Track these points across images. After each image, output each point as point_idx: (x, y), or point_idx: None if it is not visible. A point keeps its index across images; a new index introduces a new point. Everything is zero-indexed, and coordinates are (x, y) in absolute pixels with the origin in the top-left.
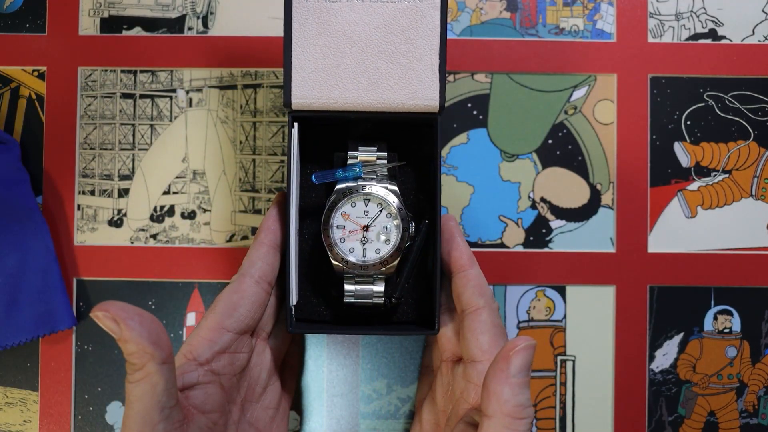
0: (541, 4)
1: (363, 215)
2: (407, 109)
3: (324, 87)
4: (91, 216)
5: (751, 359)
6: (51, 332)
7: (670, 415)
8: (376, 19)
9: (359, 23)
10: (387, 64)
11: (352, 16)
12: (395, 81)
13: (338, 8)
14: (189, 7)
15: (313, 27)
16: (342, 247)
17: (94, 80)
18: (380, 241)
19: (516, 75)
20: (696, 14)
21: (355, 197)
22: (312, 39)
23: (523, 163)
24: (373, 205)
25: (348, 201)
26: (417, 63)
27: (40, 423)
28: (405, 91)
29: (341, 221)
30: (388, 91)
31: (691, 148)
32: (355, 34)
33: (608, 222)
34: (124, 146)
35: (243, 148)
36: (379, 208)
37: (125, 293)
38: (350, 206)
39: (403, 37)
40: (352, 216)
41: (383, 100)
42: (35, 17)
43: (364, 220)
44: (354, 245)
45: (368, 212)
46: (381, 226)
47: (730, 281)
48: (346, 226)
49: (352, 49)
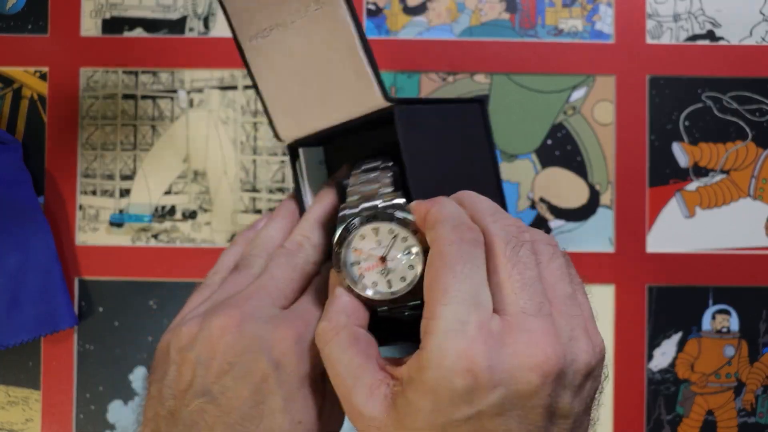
0: (540, 5)
1: (376, 245)
2: (361, 114)
3: (297, 115)
4: (93, 216)
5: (749, 358)
6: (53, 331)
7: (669, 414)
8: (304, 41)
9: (293, 49)
10: (325, 80)
11: (286, 44)
12: (338, 93)
13: (273, 39)
14: (190, 8)
15: (264, 65)
16: (363, 283)
17: (96, 81)
18: (405, 269)
19: (515, 76)
20: (694, 15)
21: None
22: (268, 75)
23: (522, 163)
24: (385, 233)
25: (356, 235)
26: (345, 68)
27: (42, 422)
28: (349, 99)
29: (354, 257)
30: (338, 104)
31: (689, 149)
32: (295, 59)
33: (607, 222)
34: (125, 146)
35: (244, 149)
36: (392, 234)
37: (126, 293)
38: (360, 240)
39: (327, 46)
40: (365, 249)
41: (343, 113)
42: (37, 18)
43: (378, 251)
44: (375, 278)
45: (380, 241)
46: (398, 253)
47: (729, 281)
48: (360, 261)
49: (300, 74)
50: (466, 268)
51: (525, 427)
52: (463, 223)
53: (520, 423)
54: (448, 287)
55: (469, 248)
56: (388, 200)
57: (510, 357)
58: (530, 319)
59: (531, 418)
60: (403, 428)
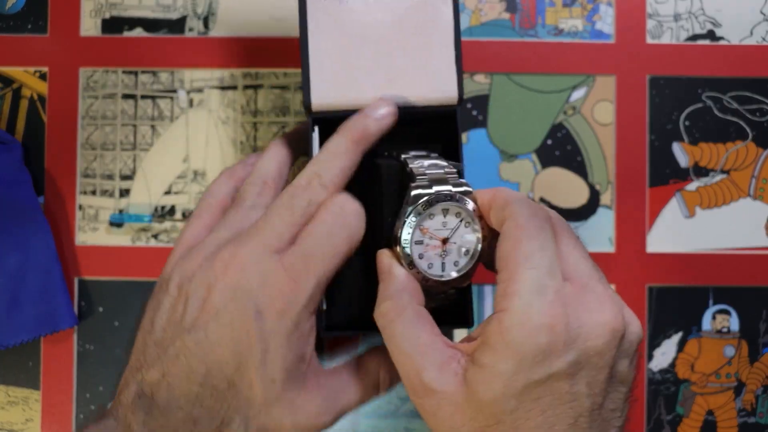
0: (540, 5)
1: (441, 227)
2: (427, 103)
3: (342, 86)
4: (93, 216)
5: (749, 358)
6: (53, 332)
7: (669, 414)
8: (390, 17)
9: (373, 21)
10: (403, 60)
11: (366, 15)
12: (412, 76)
13: (351, 8)
14: (190, 7)
15: (327, 27)
16: (420, 263)
17: (96, 81)
18: (460, 254)
19: (515, 76)
20: (694, 15)
21: (432, 210)
22: (327, 39)
23: (522, 163)
24: (452, 216)
25: (427, 214)
26: (433, 57)
27: (42, 422)
28: (423, 86)
29: (419, 236)
30: (406, 86)
31: (689, 149)
32: (370, 32)
33: (607, 222)
34: (125, 146)
35: (244, 149)
36: (459, 217)
37: (126, 293)
38: (429, 219)
39: (416, 32)
40: (431, 229)
41: (402, 95)
42: (37, 18)
43: (443, 232)
44: (433, 260)
45: (446, 223)
46: (460, 237)
47: (729, 281)
48: (424, 241)
49: (368, 48)
50: (544, 239)
51: (590, 389)
52: (533, 202)
53: (587, 385)
54: (531, 254)
55: (544, 222)
56: (457, 185)
57: (583, 315)
58: (594, 284)
59: (597, 379)
60: (478, 400)
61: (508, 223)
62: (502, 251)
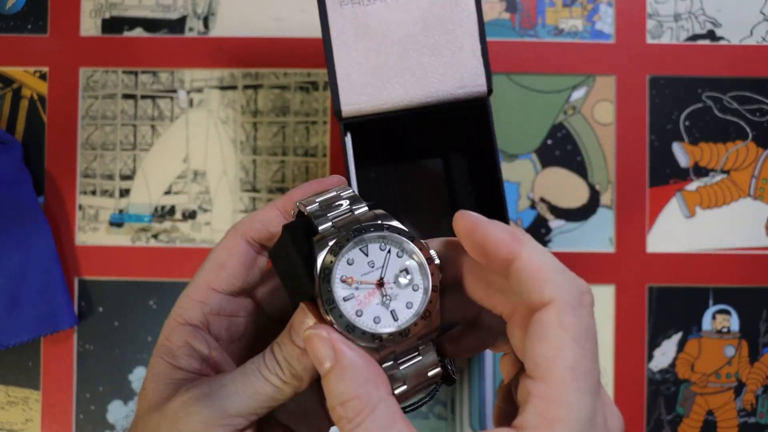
0: (540, 5)
1: (369, 268)
2: (457, 98)
3: (371, 89)
4: (93, 216)
5: (749, 358)
6: (53, 332)
7: (669, 414)
8: (413, 15)
9: (397, 22)
10: (430, 58)
11: (388, 16)
12: (441, 73)
13: (373, 10)
14: (190, 8)
15: (351, 33)
16: (362, 321)
17: (96, 81)
18: (408, 292)
19: (515, 75)
20: (694, 15)
21: (347, 252)
22: (352, 44)
23: (522, 163)
24: (375, 248)
25: (342, 260)
26: (459, 52)
27: (42, 422)
28: (452, 81)
29: (347, 291)
30: (435, 83)
31: (689, 149)
32: (394, 32)
33: (607, 222)
34: (125, 146)
35: (243, 149)
36: (384, 248)
37: (126, 293)
38: (347, 265)
39: (441, 28)
40: (356, 276)
41: (432, 93)
42: (37, 18)
43: (373, 274)
44: (377, 312)
45: (372, 262)
46: (397, 271)
47: (729, 281)
48: (354, 293)
49: (394, 48)
50: (590, 343)
51: None
52: (576, 280)
53: None
54: (577, 367)
55: (590, 317)
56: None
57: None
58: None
59: None
60: None
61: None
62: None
